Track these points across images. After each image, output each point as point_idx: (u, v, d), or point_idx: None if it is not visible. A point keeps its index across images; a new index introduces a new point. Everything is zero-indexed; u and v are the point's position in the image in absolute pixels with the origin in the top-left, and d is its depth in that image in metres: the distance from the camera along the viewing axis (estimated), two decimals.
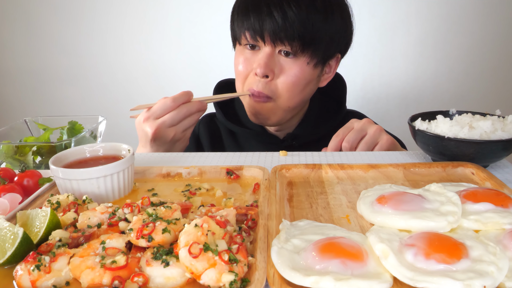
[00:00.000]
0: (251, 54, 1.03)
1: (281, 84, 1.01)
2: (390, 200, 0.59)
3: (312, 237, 0.52)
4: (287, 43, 0.97)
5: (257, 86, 1.01)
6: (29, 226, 0.54)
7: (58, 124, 0.91)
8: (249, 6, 0.99)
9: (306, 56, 1.00)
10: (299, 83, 1.02)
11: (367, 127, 0.95)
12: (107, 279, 0.45)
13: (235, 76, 1.09)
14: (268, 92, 1.01)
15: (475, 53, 2.01)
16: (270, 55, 0.99)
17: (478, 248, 0.48)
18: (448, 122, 0.80)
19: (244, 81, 1.05)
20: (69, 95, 2.23)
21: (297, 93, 1.03)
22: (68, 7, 2.08)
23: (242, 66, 1.04)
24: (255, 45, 1.02)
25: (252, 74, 1.02)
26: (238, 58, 1.06)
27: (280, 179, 0.73)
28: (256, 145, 1.16)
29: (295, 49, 0.98)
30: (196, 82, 2.12)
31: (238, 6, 1.04)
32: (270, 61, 0.99)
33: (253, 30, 0.98)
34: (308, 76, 1.03)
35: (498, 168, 0.83)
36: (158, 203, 0.59)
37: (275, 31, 0.95)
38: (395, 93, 2.11)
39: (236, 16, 1.03)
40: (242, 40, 1.03)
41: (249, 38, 1.00)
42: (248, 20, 0.99)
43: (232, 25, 1.07)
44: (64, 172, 0.65)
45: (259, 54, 1.01)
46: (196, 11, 2.03)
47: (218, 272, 0.44)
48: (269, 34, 0.96)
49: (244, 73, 1.04)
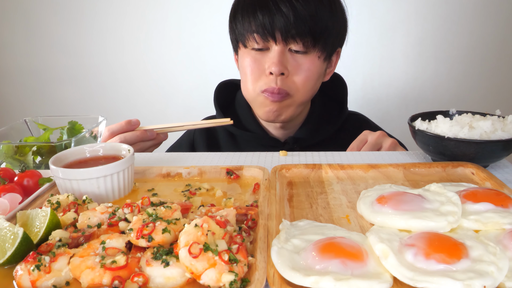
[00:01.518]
0: (260, 55, 1.00)
1: (296, 80, 1.00)
2: (390, 200, 0.59)
3: (312, 237, 0.52)
4: (298, 40, 0.96)
5: (275, 84, 0.99)
6: (29, 226, 0.54)
7: (58, 124, 0.91)
8: (255, 5, 0.96)
9: (316, 51, 0.99)
10: (312, 77, 1.02)
11: (381, 140, 0.95)
12: (107, 279, 0.45)
13: (243, 78, 1.07)
14: (287, 88, 1.00)
15: (475, 53, 2.01)
16: (282, 53, 0.98)
17: (478, 248, 0.48)
18: (448, 122, 0.80)
19: (255, 83, 1.02)
20: (69, 95, 2.23)
21: (311, 87, 1.04)
22: (68, 7, 2.08)
23: (252, 68, 1.01)
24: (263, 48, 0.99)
25: (265, 74, 1.00)
26: (245, 60, 1.02)
27: (280, 179, 0.73)
28: (257, 148, 1.14)
29: (307, 44, 0.97)
30: (196, 82, 2.12)
31: (241, 6, 1.00)
32: (283, 59, 0.98)
33: (263, 29, 0.96)
34: (320, 69, 1.04)
35: (498, 168, 0.83)
36: (158, 203, 0.59)
37: (287, 28, 0.94)
38: (395, 93, 2.11)
39: (240, 17, 1.00)
40: (249, 42, 1.00)
41: (258, 40, 0.98)
42: (256, 20, 0.96)
43: (234, 27, 1.03)
44: (64, 172, 0.65)
45: (270, 53, 0.99)
46: (196, 11, 2.03)
47: (218, 272, 0.44)
48: (281, 32, 0.95)
49: (256, 74, 1.01)
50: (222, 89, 1.22)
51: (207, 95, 2.14)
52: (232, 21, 1.04)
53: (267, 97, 1.01)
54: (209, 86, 1.76)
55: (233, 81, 1.24)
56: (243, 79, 1.07)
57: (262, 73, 1.01)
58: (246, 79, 1.04)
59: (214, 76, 2.14)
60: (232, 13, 1.04)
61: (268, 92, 1.00)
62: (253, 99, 1.06)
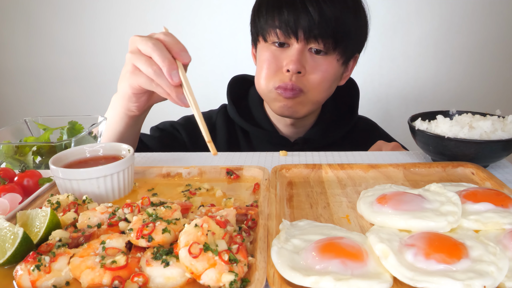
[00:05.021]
0: (279, 51, 1.00)
1: (312, 79, 1.00)
2: (390, 200, 0.59)
3: (312, 237, 0.52)
4: (320, 41, 0.96)
5: (290, 80, 0.99)
6: (29, 226, 0.54)
7: (58, 124, 0.90)
8: (281, 1, 0.96)
9: (336, 53, 1.00)
10: (329, 78, 1.02)
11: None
12: (107, 279, 0.45)
13: (258, 73, 1.06)
14: (300, 85, 1.00)
15: (475, 53, 2.01)
16: (301, 52, 0.98)
17: (478, 248, 0.48)
18: (448, 122, 0.80)
19: (271, 78, 1.02)
20: (69, 95, 2.23)
21: (326, 88, 1.04)
22: (68, 7, 2.09)
23: (270, 63, 1.01)
24: (284, 43, 0.99)
25: (281, 71, 1.00)
26: (264, 54, 1.03)
27: (280, 179, 0.73)
28: (266, 146, 1.14)
29: (328, 46, 0.97)
30: (195, 82, 2.11)
31: (267, 1, 1.00)
32: (302, 57, 0.98)
33: (287, 26, 0.95)
34: (337, 72, 1.04)
35: (498, 168, 0.83)
36: (158, 203, 0.59)
37: (311, 28, 0.94)
38: (395, 93, 2.11)
39: (265, 11, 1.00)
40: (270, 37, 1.00)
41: (280, 35, 0.98)
42: (281, 16, 0.96)
43: (257, 20, 1.03)
44: (64, 172, 0.65)
45: (289, 51, 0.99)
46: (196, 11, 2.03)
47: (218, 272, 0.44)
48: (304, 31, 0.95)
49: (272, 70, 1.01)
50: (235, 84, 1.22)
51: (207, 95, 2.14)
52: (256, 14, 1.04)
53: (280, 93, 1.01)
54: (209, 86, 1.77)
55: (246, 76, 1.24)
56: (258, 73, 1.06)
57: (279, 70, 1.01)
58: (261, 73, 1.04)
59: (214, 75, 2.15)
60: (256, 6, 1.04)
61: (281, 88, 1.00)
62: (266, 94, 1.06)
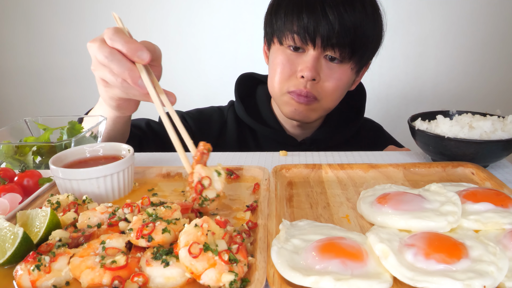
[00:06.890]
0: (294, 56, 0.98)
1: (326, 86, 0.99)
2: (390, 200, 0.59)
3: (312, 237, 0.52)
4: (337, 50, 0.95)
5: (304, 87, 0.98)
6: (29, 226, 0.54)
7: (58, 124, 0.90)
8: (302, 5, 0.93)
9: (351, 62, 0.99)
10: (343, 86, 1.02)
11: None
12: (107, 279, 0.45)
13: (272, 75, 1.05)
14: (315, 92, 0.99)
15: (475, 53, 2.01)
16: (317, 59, 0.96)
17: (478, 248, 0.48)
18: (448, 122, 0.80)
19: (284, 82, 1.01)
20: (69, 95, 2.23)
21: (339, 96, 1.04)
22: (68, 7, 2.09)
23: (284, 67, 0.99)
24: (299, 47, 0.97)
25: (295, 75, 0.99)
26: (278, 57, 1.00)
27: (280, 179, 0.73)
28: (273, 145, 1.13)
29: (344, 55, 0.96)
30: (195, 82, 2.12)
31: (286, 3, 0.97)
32: (317, 64, 0.97)
33: (305, 32, 0.93)
34: (350, 80, 1.04)
35: (498, 168, 0.83)
36: (158, 203, 0.59)
37: (329, 36, 0.92)
38: (395, 93, 2.11)
39: (283, 14, 0.96)
40: (286, 40, 0.97)
41: (297, 40, 0.95)
42: (300, 21, 0.93)
43: (273, 21, 1.00)
44: (64, 172, 0.65)
45: (304, 56, 0.97)
46: (195, 11, 2.03)
47: (218, 272, 0.44)
48: (322, 39, 0.93)
49: (286, 74, 1.00)
50: (242, 82, 1.21)
51: (207, 95, 2.15)
52: (273, 15, 1.01)
53: (293, 98, 1.00)
54: (209, 86, 1.76)
55: (254, 74, 1.23)
56: (271, 75, 1.05)
57: (292, 74, 0.99)
58: (274, 76, 1.03)
59: (214, 75, 2.15)
60: (274, 7, 1.01)
61: (295, 94, 1.00)
62: (279, 97, 1.05)
